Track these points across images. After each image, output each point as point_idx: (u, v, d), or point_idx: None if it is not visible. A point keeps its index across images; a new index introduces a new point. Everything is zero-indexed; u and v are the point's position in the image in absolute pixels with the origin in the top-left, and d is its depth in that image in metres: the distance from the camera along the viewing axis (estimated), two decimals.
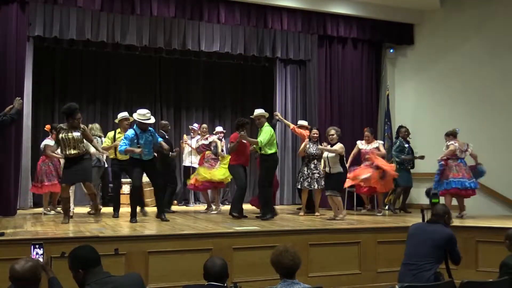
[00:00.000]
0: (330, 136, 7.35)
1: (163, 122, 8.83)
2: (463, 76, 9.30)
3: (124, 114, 7.87)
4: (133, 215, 6.69)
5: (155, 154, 6.98)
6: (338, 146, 7.27)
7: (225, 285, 3.24)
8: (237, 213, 7.24)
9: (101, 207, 7.55)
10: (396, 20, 9.86)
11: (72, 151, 6.24)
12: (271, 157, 7.35)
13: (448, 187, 7.37)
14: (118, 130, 7.80)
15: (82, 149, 6.34)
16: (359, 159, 8.39)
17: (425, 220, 4.66)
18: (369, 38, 9.87)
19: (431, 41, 9.81)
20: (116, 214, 7.48)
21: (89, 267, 2.96)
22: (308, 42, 10.18)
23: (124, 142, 6.69)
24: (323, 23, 9.44)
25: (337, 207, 7.22)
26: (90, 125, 8.16)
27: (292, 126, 8.54)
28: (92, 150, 7.05)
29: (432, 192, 4.91)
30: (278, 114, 8.86)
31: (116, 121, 7.96)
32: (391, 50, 10.18)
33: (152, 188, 7.64)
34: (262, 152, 7.31)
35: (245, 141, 7.41)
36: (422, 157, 8.63)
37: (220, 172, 8.29)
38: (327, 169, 7.40)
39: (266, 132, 7.27)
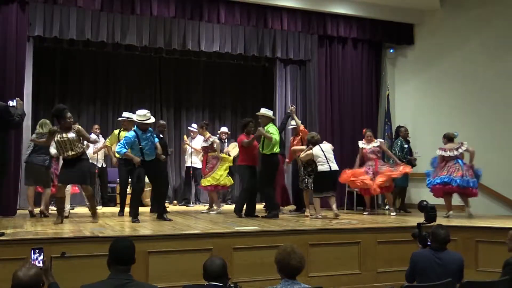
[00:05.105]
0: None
1: (161, 122, 8.78)
2: (463, 76, 9.30)
3: (129, 114, 7.83)
4: (135, 215, 6.68)
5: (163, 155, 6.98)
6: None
7: (226, 285, 3.24)
8: (238, 214, 7.36)
9: (99, 210, 7.52)
10: (396, 20, 9.85)
11: (70, 153, 6.20)
12: (275, 157, 7.41)
13: (434, 183, 7.48)
14: (122, 128, 7.79)
15: (80, 150, 6.27)
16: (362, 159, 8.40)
17: (423, 237, 4.26)
18: (369, 38, 9.86)
19: (431, 41, 9.81)
20: (121, 213, 7.53)
21: (114, 263, 3.06)
22: (308, 42, 10.16)
23: (124, 145, 6.67)
24: (323, 23, 9.43)
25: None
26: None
27: (302, 127, 8.30)
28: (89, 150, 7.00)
29: (429, 205, 4.42)
30: (293, 108, 8.39)
31: (120, 119, 7.93)
32: (391, 50, 10.18)
33: (151, 188, 7.64)
34: (266, 152, 7.33)
35: (255, 140, 7.47)
36: (414, 159, 8.68)
37: (223, 174, 8.23)
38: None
39: (275, 132, 7.35)
